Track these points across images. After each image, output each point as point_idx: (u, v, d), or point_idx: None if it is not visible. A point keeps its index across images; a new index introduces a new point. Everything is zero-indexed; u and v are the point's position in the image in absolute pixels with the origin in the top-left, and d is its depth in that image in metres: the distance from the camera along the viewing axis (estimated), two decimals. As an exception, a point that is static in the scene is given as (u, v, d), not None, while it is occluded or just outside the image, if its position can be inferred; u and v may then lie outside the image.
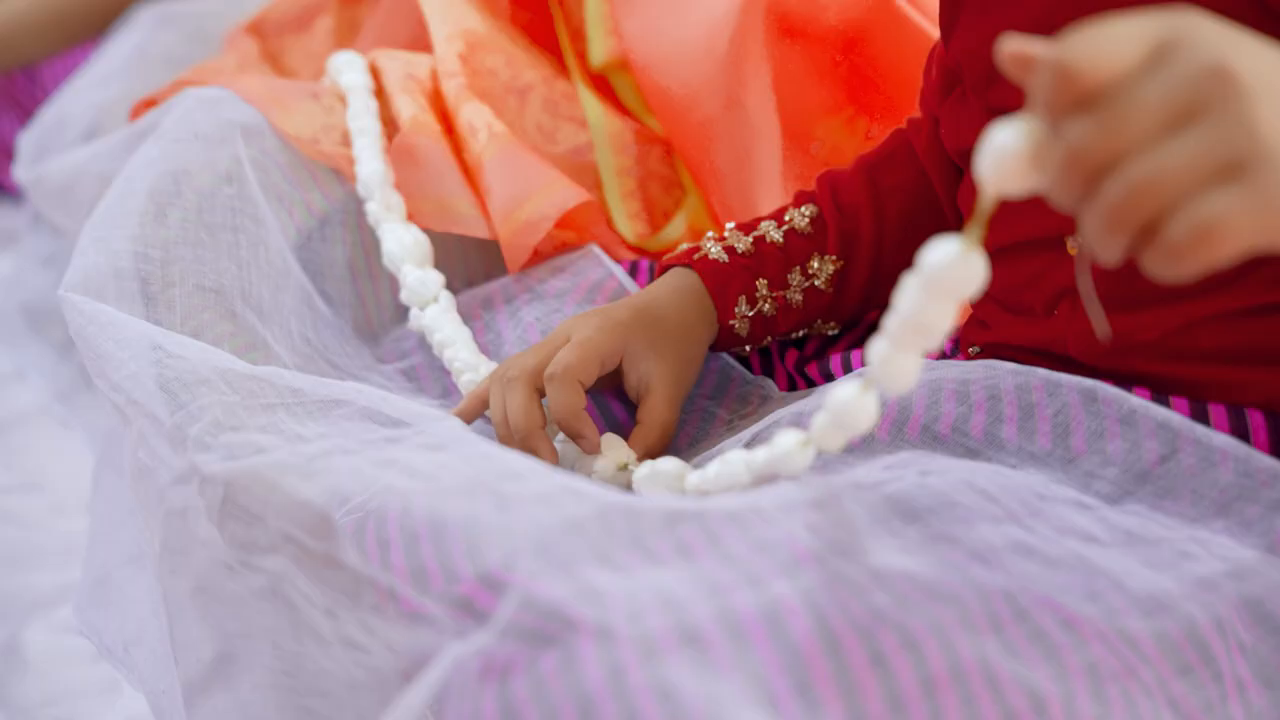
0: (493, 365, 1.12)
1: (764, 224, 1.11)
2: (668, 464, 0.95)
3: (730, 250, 1.09)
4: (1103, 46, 0.59)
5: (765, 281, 1.08)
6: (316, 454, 0.87)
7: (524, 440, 1.00)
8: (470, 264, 1.31)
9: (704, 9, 1.32)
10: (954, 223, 1.10)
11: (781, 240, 1.10)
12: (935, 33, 1.22)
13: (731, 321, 1.08)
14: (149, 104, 1.32)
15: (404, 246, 1.21)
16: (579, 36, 1.45)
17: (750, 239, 1.10)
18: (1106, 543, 0.77)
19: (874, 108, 1.29)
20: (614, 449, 1.01)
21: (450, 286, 1.23)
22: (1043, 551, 0.75)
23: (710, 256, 1.09)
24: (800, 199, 1.13)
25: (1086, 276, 0.69)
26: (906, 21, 1.25)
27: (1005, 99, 0.92)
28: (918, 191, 1.11)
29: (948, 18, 1.02)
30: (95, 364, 1.00)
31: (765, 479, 0.84)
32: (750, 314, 1.09)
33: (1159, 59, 0.59)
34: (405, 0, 1.49)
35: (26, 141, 1.73)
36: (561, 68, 1.43)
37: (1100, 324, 0.76)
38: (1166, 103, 0.58)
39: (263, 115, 1.24)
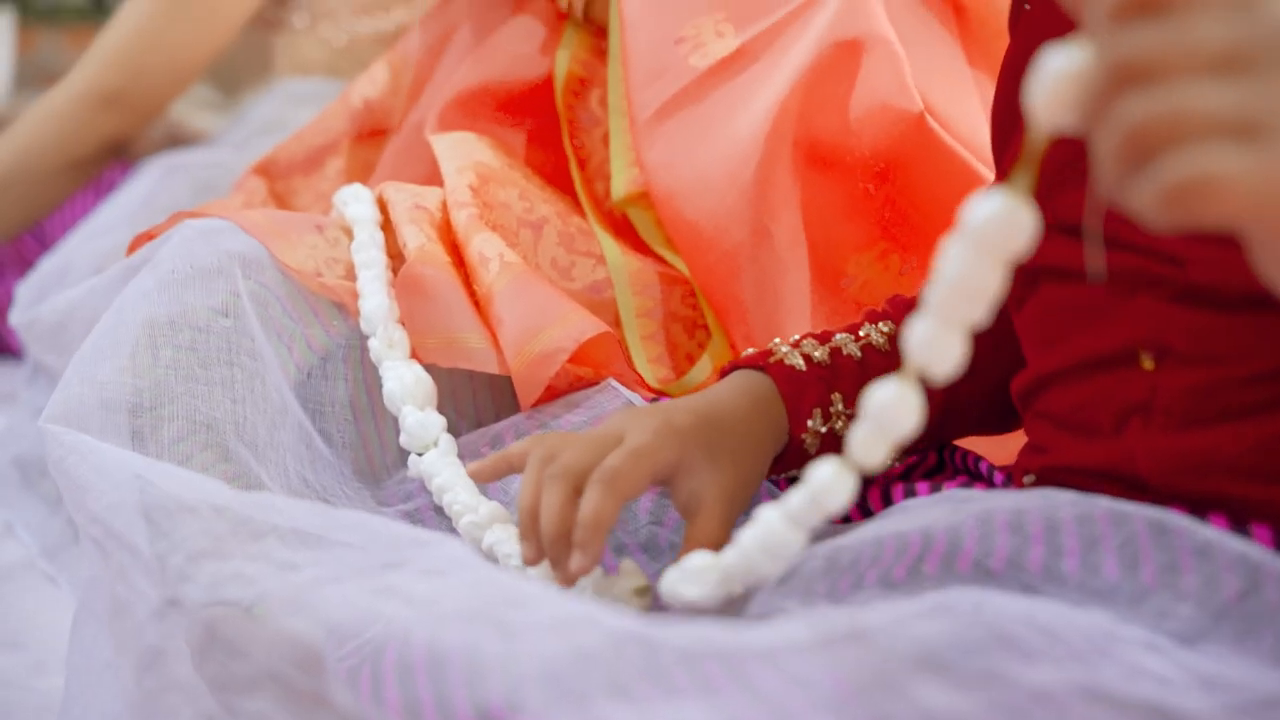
0: (494, 505, 1.05)
1: (839, 336, 1.06)
2: (698, 559, 0.87)
3: (807, 358, 1.03)
4: None
5: (840, 396, 1.02)
6: (307, 583, 0.81)
7: (552, 545, 0.92)
8: (479, 402, 1.27)
9: (728, 139, 1.28)
10: None
11: (859, 355, 1.05)
12: (971, 160, 1.19)
13: (803, 435, 1.02)
14: (147, 237, 1.28)
15: (405, 386, 1.17)
16: (594, 178, 1.41)
17: (827, 349, 1.04)
18: (1181, 686, 0.70)
19: (908, 243, 1.24)
20: (630, 577, 0.93)
21: (458, 425, 1.18)
22: (1111, 695, 0.68)
23: (786, 362, 1.03)
24: (874, 316, 1.08)
25: (1097, 211, 0.65)
26: (943, 148, 1.20)
27: (1064, 211, 0.86)
28: (992, 318, 1.05)
29: (1000, 138, 1.00)
30: (74, 496, 0.96)
31: (807, 523, 0.78)
32: (823, 430, 1.02)
33: (1239, 2, 0.58)
34: (416, 139, 1.46)
35: (25, 288, 1.71)
36: (576, 205, 1.38)
37: (1097, 264, 0.70)
38: (1228, 41, 0.57)
39: (263, 247, 1.19)
